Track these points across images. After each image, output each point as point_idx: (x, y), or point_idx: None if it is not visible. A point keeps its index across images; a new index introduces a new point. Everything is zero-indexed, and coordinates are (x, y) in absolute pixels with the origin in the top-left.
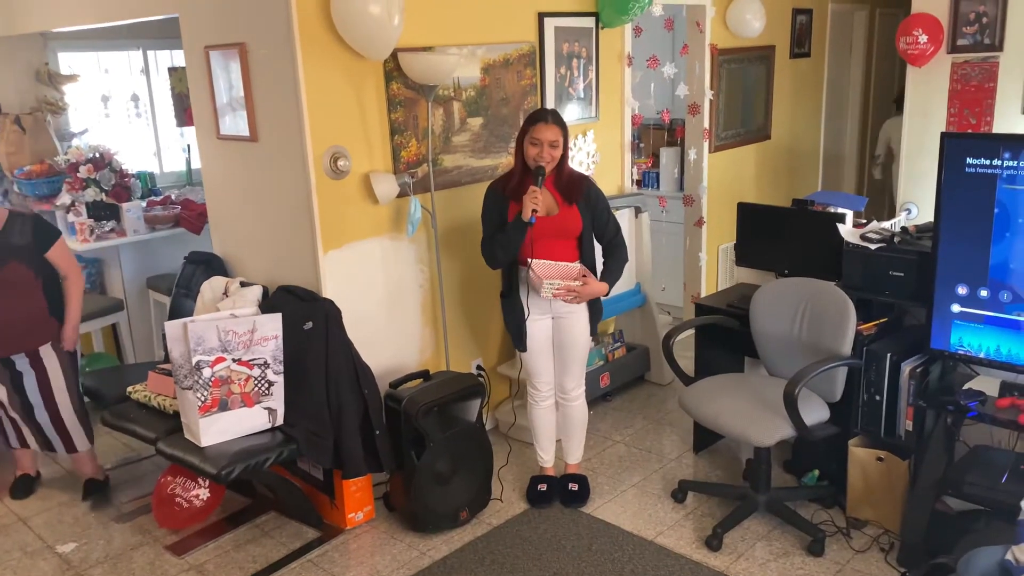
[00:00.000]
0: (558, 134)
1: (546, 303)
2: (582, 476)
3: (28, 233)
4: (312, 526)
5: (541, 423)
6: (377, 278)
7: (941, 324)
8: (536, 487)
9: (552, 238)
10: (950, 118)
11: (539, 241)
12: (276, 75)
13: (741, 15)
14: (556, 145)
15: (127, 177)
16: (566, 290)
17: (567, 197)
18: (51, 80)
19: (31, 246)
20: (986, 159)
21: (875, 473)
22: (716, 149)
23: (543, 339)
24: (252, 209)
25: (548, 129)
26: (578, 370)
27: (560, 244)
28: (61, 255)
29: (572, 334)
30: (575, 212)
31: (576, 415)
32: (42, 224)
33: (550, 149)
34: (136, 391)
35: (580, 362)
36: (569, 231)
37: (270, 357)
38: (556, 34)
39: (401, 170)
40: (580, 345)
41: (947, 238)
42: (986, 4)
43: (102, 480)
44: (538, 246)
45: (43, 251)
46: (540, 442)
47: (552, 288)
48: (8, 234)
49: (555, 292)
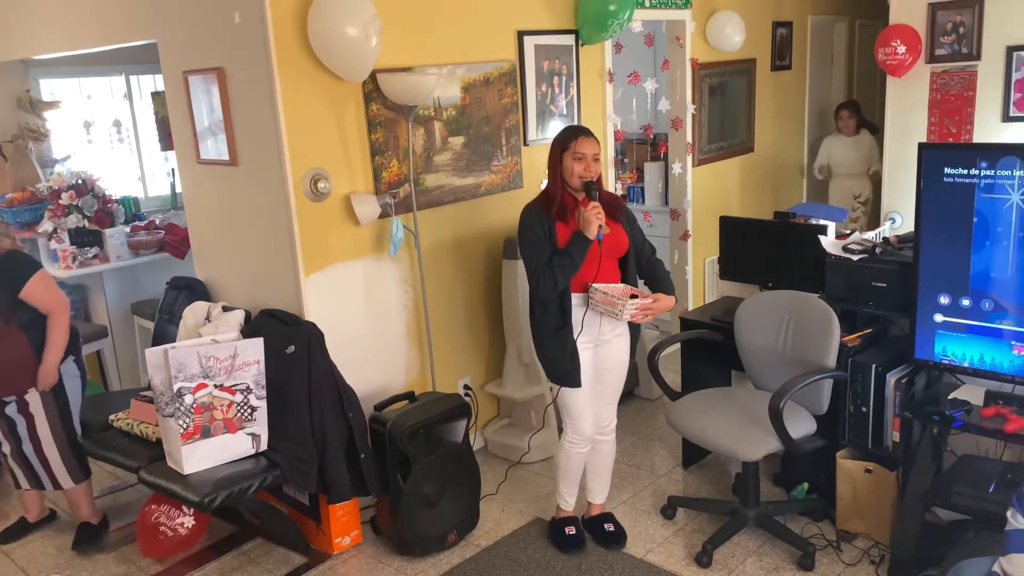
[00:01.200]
0: (598, 148)
1: (594, 330)
2: (611, 514)
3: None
4: (299, 552)
5: (575, 470)
6: (360, 300)
7: (925, 334)
8: (564, 531)
9: (604, 259)
10: (930, 127)
11: (591, 263)
12: (255, 99)
13: (721, 29)
14: (598, 159)
15: (110, 203)
16: (642, 309)
17: (612, 215)
18: (33, 107)
19: (2, 289)
20: (963, 169)
21: (864, 485)
22: (700, 163)
23: (589, 374)
24: (233, 233)
25: (589, 143)
26: (615, 398)
27: (608, 264)
28: (37, 293)
29: (616, 359)
30: (621, 231)
31: (610, 451)
32: (10, 263)
33: (594, 163)
34: (119, 419)
35: (618, 389)
36: (619, 249)
37: (252, 382)
38: (536, 52)
39: (383, 191)
40: (622, 369)
41: (928, 248)
42: (963, 14)
43: (96, 524)
44: (590, 268)
45: (15, 292)
46: (570, 487)
47: (632, 308)
48: None
49: (633, 313)
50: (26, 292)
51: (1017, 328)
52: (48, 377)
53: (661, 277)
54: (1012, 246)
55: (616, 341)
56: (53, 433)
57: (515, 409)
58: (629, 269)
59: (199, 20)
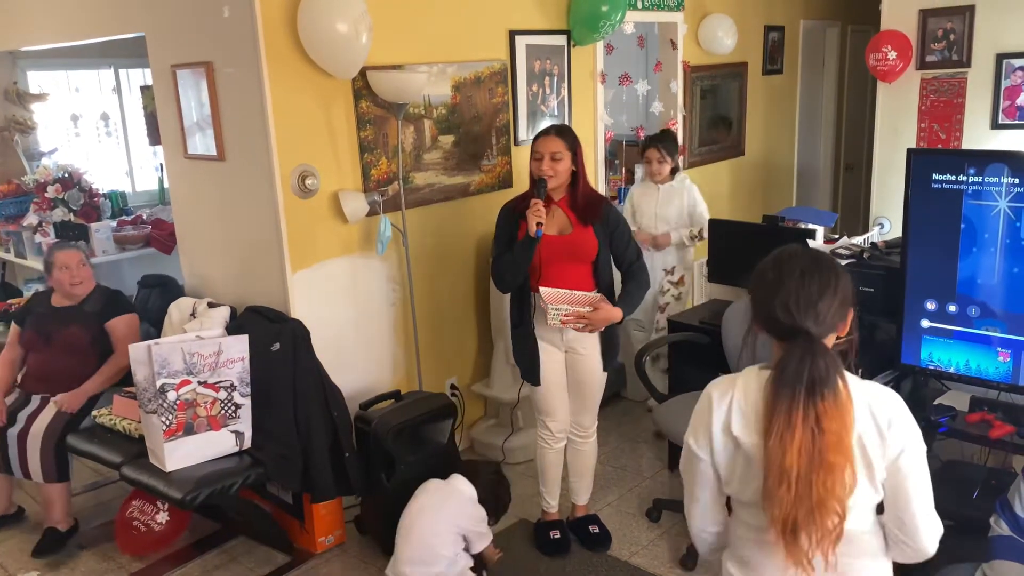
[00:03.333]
0: (559, 145)
1: (558, 334)
2: (595, 516)
3: (99, 302)
4: (282, 551)
5: (552, 467)
6: (347, 298)
7: (911, 339)
8: (548, 534)
9: (565, 261)
10: (920, 133)
11: (553, 265)
12: (243, 94)
13: (713, 32)
14: (558, 157)
15: (96, 197)
16: (575, 317)
17: (582, 217)
18: (20, 99)
19: (97, 314)
20: (952, 175)
21: None
22: (690, 165)
23: (557, 374)
24: (220, 228)
25: (548, 140)
26: (591, 405)
27: (574, 268)
28: (120, 328)
29: (590, 372)
30: (590, 234)
31: (590, 453)
32: (115, 298)
33: (551, 162)
34: (101, 414)
35: (593, 397)
36: (582, 254)
37: (237, 379)
38: (527, 52)
39: (371, 188)
40: (594, 383)
41: (915, 253)
42: (953, 21)
43: (64, 531)
44: (552, 270)
45: (104, 320)
46: (548, 486)
47: (559, 314)
48: (84, 302)
49: (563, 319)
50: (111, 324)
51: (1003, 335)
52: (74, 400)
53: (627, 289)
54: (999, 253)
55: (584, 352)
56: (45, 433)
57: (502, 409)
58: (600, 274)
59: (188, 13)
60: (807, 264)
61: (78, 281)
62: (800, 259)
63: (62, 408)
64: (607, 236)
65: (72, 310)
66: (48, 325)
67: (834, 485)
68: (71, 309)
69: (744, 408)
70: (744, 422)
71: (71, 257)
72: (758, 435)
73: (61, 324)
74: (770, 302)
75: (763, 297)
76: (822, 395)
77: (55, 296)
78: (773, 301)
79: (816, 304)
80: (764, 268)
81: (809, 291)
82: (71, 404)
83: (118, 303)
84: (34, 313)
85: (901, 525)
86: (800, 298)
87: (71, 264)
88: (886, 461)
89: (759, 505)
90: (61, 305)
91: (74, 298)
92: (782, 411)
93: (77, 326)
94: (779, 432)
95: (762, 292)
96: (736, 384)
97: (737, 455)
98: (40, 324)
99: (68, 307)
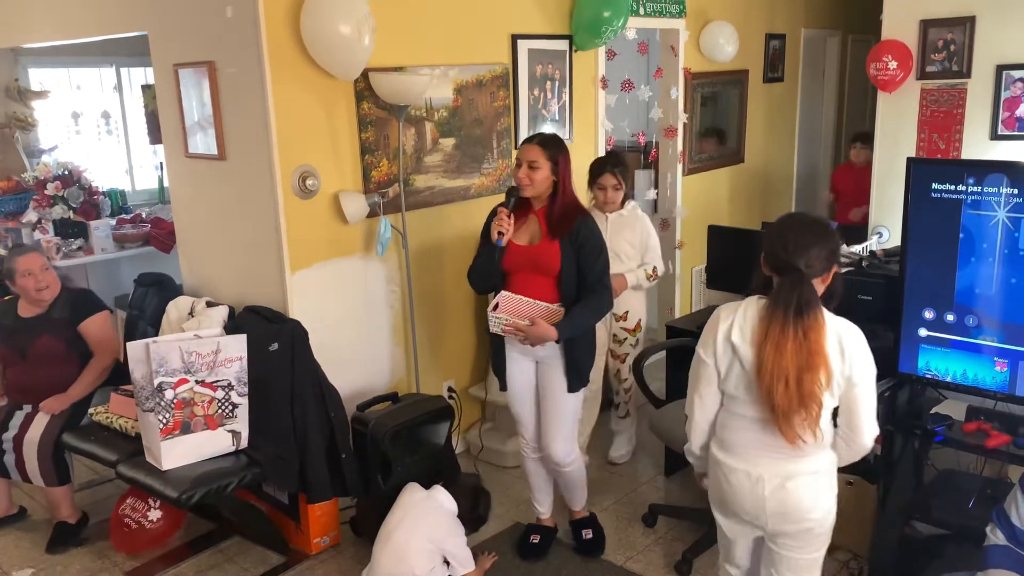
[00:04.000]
0: (538, 154)
1: (518, 343)
2: (591, 519)
3: (67, 307)
4: (277, 551)
5: (532, 476)
6: (346, 298)
7: (909, 348)
8: (528, 538)
9: (529, 272)
10: (919, 143)
11: (518, 274)
12: (245, 94)
13: (714, 39)
14: (536, 166)
15: (96, 195)
16: (513, 327)
17: (552, 230)
18: (21, 96)
19: (67, 319)
20: (951, 185)
21: (845, 497)
22: (690, 171)
23: (524, 383)
24: (220, 228)
25: (528, 149)
26: (558, 429)
27: (537, 280)
28: (94, 331)
29: (550, 386)
30: (555, 248)
31: (573, 478)
32: (82, 298)
33: (528, 170)
34: (98, 412)
35: (560, 419)
36: (544, 267)
37: (234, 379)
38: (530, 56)
39: (372, 190)
40: (556, 399)
41: (914, 263)
42: (954, 32)
43: (74, 524)
44: (517, 279)
45: (75, 324)
46: (535, 493)
47: (500, 323)
48: (51, 309)
49: (504, 328)
50: (84, 326)
51: (1000, 344)
52: (59, 405)
53: (574, 310)
54: (997, 263)
55: (547, 365)
56: (41, 440)
57: (499, 413)
58: (563, 289)
59: (191, 13)
60: (807, 222)
61: (44, 286)
62: (802, 218)
63: (49, 412)
64: (574, 251)
65: (41, 320)
66: (19, 339)
67: (815, 381)
68: (40, 319)
69: (743, 325)
70: (742, 335)
71: (33, 262)
72: (752, 346)
73: (32, 336)
74: (775, 243)
75: (771, 240)
76: (806, 314)
77: (21, 305)
78: (777, 243)
79: (808, 250)
80: (777, 222)
81: (805, 239)
82: (56, 406)
83: (87, 304)
84: (2, 327)
85: (850, 424)
86: (797, 243)
87: (34, 269)
88: (843, 376)
89: (743, 398)
90: (30, 315)
91: (41, 304)
92: (777, 325)
93: (49, 336)
94: (774, 341)
95: (771, 237)
96: (739, 307)
97: (733, 360)
98: (11, 339)
99: (36, 316)
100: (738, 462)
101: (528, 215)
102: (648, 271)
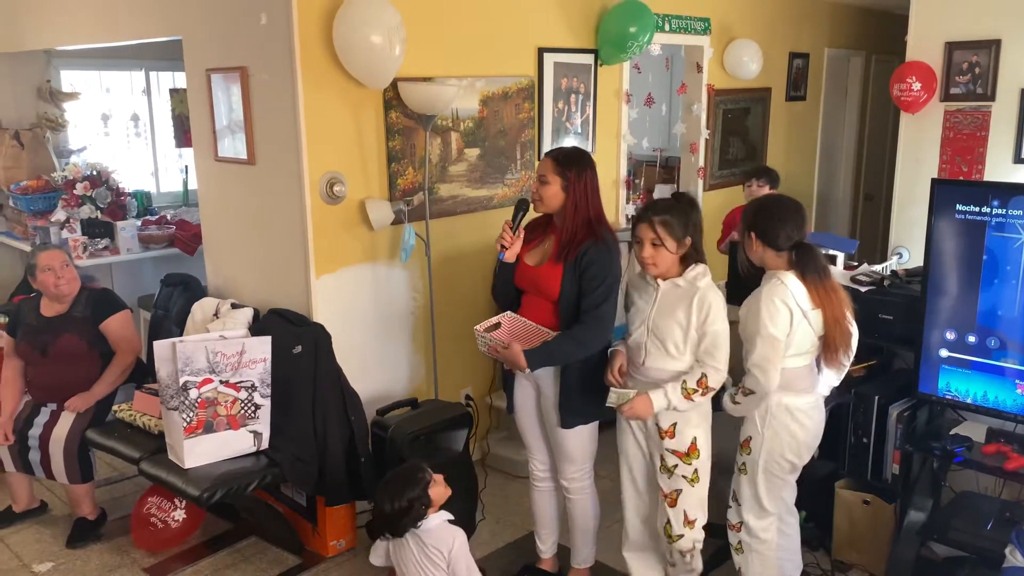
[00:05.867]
0: (548, 169)
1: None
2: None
3: (88, 306)
4: (293, 553)
5: (536, 508)
6: (369, 304)
7: (929, 368)
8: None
9: (533, 294)
10: (942, 165)
11: (528, 294)
12: (276, 100)
13: (739, 57)
14: (545, 181)
15: (123, 196)
16: (491, 349)
17: (560, 253)
18: (52, 97)
19: (88, 318)
20: (975, 206)
21: (861, 516)
22: (710, 187)
23: (527, 408)
24: (247, 231)
25: (542, 162)
26: (570, 456)
27: (540, 304)
28: (115, 329)
29: (548, 415)
30: (557, 272)
31: (576, 511)
32: (104, 297)
33: (539, 185)
34: (121, 410)
35: (560, 456)
36: (544, 290)
37: (258, 380)
38: (555, 69)
39: (397, 197)
40: (554, 432)
41: (936, 283)
42: (979, 54)
43: (93, 520)
44: (526, 300)
45: (97, 323)
46: (536, 528)
47: (484, 343)
48: (73, 308)
49: (489, 348)
50: (105, 325)
51: (1021, 367)
52: (83, 403)
53: (555, 337)
54: (1020, 285)
55: (548, 396)
56: (67, 438)
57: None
58: (563, 317)
59: (225, 19)
60: (795, 205)
61: (62, 282)
62: (788, 201)
63: (74, 411)
64: (576, 278)
65: (63, 318)
66: (42, 337)
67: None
68: (62, 318)
69: (797, 297)
70: (801, 305)
71: (54, 258)
72: (811, 303)
73: (54, 335)
74: (788, 225)
75: (782, 223)
76: (828, 274)
77: (43, 303)
78: (790, 224)
79: (803, 226)
80: (767, 208)
81: (800, 219)
82: (80, 404)
83: (108, 303)
84: (25, 325)
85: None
86: (798, 223)
87: (54, 265)
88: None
89: (807, 351)
90: (52, 314)
91: (61, 300)
92: (821, 287)
93: (70, 334)
94: (826, 297)
95: (773, 222)
96: (782, 288)
97: (798, 325)
98: (33, 337)
99: (58, 316)
100: (808, 399)
101: (548, 234)
102: (691, 383)
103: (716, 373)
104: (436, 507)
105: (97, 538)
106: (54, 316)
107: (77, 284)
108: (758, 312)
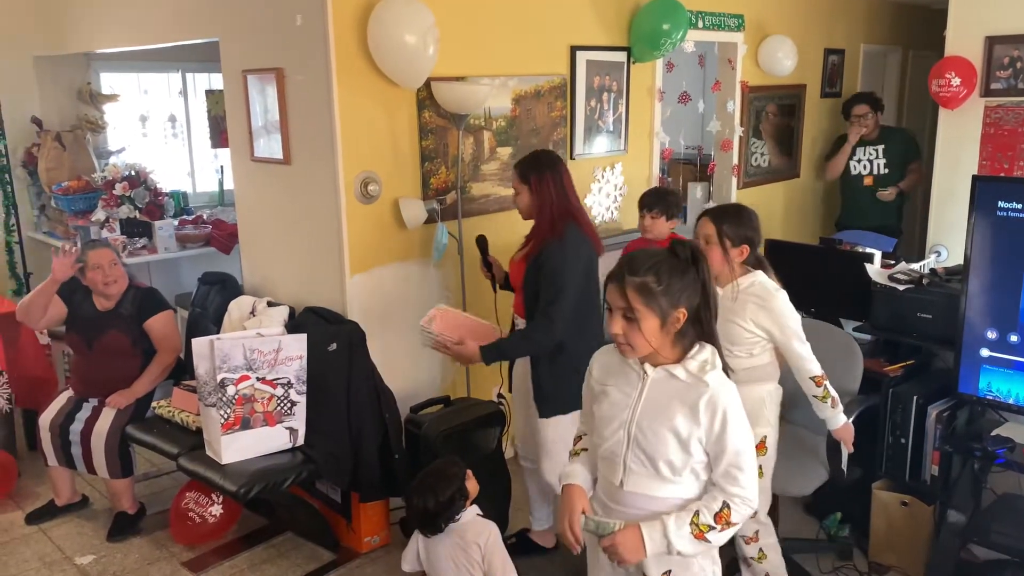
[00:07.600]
0: (514, 179)
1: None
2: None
3: (135, 304)
4: (328, 548)
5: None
6: (402, 302)
7: (969, 368)
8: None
9: (516, 287)
10: (982, 161)
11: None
12: (311, 100)
13: (773, 53)
14: (516, 191)
15: (161, 196)
16: (439, 344)
17: (526, 251)
18: (92, 99)
19: (134, 316)
20: (1018, 203)
21: (899, 518)
22: (745, 185)
23: (518, 388)
24: (282, 230)
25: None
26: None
27: (519, 296)
28: (159, 328)
29: (531, 403)
30: (521, 269)
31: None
32: (150, 296)
33: (515, 196)
34: (160, 406)
35: (538, 444)
36: (516, 287)
37: (294, 377)
38: (588, 67)
39: (430, 196)
40: (535, 419)
41: (977, 281)
42: (1020, 49)
43: (133, 514)
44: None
45: (142, 321)
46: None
47: (430, 339)
48: (120, 305)
49: (434, 343)
50: (149, 324)
51: None
52: (124, 400)
53: (507, 337)
54: None
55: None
56: (108, 434)
57: None
58: (527, 310)
59: (261, 21)
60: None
61: (111, 280)
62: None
63: (115, 407)
64: (535, 274)
65: (110, 314)
66: (91, 330)
67: None
68: (109, 314)
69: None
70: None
71: (103, 256)
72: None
73: (101, 329)
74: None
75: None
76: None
77: (95, 297)
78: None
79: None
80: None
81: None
82: (121, 401)
83: (154, 302)
84: (80, 315)
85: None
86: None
87: (103, 263)
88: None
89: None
90: (102, 309)
91: (109, 298)
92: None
93: (116, 331)
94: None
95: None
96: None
97: None
98: (84, 329)
99: (106, 311)
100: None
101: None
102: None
103: (743, 505)
104: (471, 500)
105: (137, 532)
106: (103, 312)
107: (125, 282)
108: (790, 310)
